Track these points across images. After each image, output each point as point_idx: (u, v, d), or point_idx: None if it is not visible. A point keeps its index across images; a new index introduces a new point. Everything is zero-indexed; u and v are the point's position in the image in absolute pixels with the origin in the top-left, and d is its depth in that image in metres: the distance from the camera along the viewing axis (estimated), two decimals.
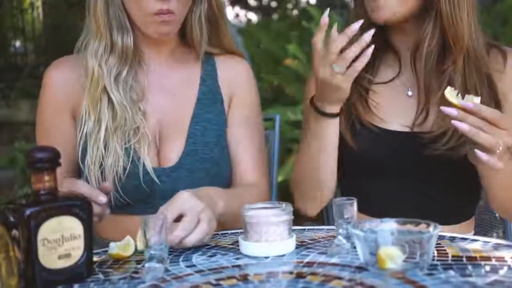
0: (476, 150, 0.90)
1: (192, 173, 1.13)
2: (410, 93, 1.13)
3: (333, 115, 1.05)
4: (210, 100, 1.20)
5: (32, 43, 6.22)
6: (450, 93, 0.90)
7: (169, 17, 1.07)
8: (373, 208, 1.07)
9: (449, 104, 0.89)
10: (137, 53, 1.15)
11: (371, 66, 1.15)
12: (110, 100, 1.11)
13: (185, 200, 0.90)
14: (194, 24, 1.15)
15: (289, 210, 0.88)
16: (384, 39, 1.16)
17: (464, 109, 0.88)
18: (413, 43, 1.10)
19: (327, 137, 1.08)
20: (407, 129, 1.10)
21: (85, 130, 1.11)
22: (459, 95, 0.90)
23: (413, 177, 1.10)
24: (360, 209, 0.89)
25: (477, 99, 0.89)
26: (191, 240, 0.88)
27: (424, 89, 1.10)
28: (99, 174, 1.09)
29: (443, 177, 1.09)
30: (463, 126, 0.88)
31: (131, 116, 1.11)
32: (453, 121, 0.89)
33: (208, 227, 0.90)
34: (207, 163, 1.14)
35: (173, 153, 1.14)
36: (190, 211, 0.89)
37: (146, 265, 0.79)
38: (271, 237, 0.86)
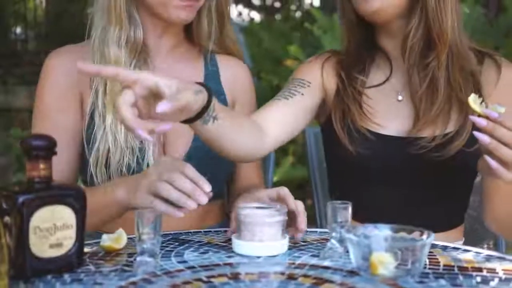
0: (486, 156, 0.88)
1: (197, 170, 1.12)
2: (400, 97, 1.14)
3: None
4: None
5: (33, 30, 6.19)
6: (474, 101, 0.87)
7: (192, 2, 1.08)
8: (362, 213, 1.07)
9: (472, 111, 0.87)
10: (143, 49, 1.14)
11: (363, 69, 1.16)
12: None
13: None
14: (203, 17, 1.15)
15: (283, 211, 0.88)
16: (373, 42, 1.16)
17: (488, 118, 0.85)
18: (400, 41, 1.11)
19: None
20: (398, 134, 1.11)
21: (97, 128, 1.09)
22: (483, 103, 0.87)
23: (404, 182, 1.10)
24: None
25: (502, 109, 0.86)
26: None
27: (408, 84, 1.11)
28: (105, 170, 1.08)
29: (433, 183, 1.09)
30: (484, 138, 0.85)
31: None
32: (474, 132, 0.87)
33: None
34: (212, 160, 1.14)
35: (180, 149, 1.14)
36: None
37: (138, 258, 0.78)
38: (264, 237, 0.85)
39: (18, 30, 6.29)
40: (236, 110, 1.23)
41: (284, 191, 0.94)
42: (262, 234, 0.85)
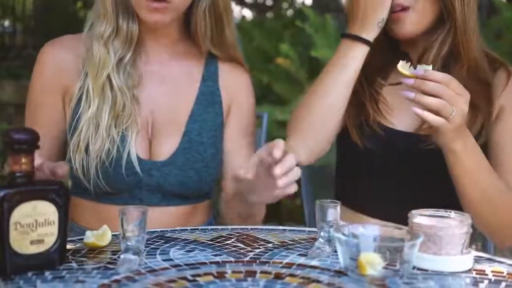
0: (412, 108, 0.93)
1: (183, 171, 1.11)
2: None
3: (367, 42, 1.09)
4: (208, 101, 1.18)
5: (21, 23, 6.12)
6: (402, 66, 0.94)
7: (160, 4, 1.05)
8: (366, 207, 1.07)
9: (403, 76, 0.94)
10: (140, 41, 1.13)
11: (383, 71, 1.19)
12: (111, 84, 1.10)
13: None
14: (199, 17, 1.13)
15: (468, 222, 0.80)
16: (394, 45, 1.20)
17: (416, 77, 0.92)
18: (422, 49, 1.14)
19: (355, 64, 1.11)
20: (408, 130, 1.13)
21: (82, 112, 1.09)
22: (412, 66, 0.94)
23: (407, 177, 1.11)
24: (353, 207, 0.89)
25: (429, 67, 0.93)
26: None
27: None
28: (85, 155, 1.07)
29: (434, 180, 1.10)
30: (407, 93, 0.93)
31: (129, 102, 1.10)
32: (401, 91, 0.93)
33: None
34: (199, 162, 1.13)
35: (167, 148, 1.12)
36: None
37: (122, 256, 0.77)
38: (452, 250, 0.78)
39: (6, 23, 6.22)
40: (232, 112, 1.21)
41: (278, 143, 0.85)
42: (451, 247, 0.78)
